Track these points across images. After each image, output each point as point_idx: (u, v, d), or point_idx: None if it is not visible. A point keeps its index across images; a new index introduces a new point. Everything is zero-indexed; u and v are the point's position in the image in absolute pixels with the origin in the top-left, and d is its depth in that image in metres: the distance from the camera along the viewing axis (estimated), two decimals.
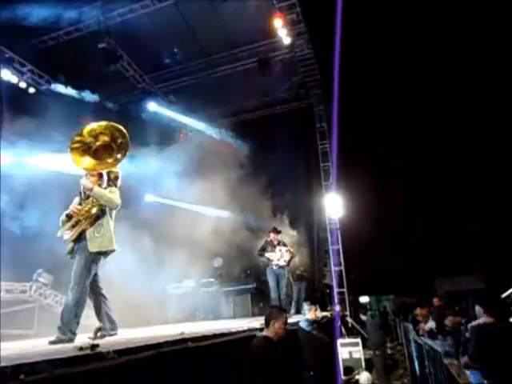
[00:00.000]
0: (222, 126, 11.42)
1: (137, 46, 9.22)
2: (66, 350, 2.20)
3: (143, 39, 9.03)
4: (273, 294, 6.65)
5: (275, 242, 6.96)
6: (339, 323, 8.98)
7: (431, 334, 5.66)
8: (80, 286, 3.35)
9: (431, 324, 5.95)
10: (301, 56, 10.03)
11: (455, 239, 11.01)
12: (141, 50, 9.47)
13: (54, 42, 8.72)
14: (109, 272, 4.37)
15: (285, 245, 7.07)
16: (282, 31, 8.93)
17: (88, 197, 3.60)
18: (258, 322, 4.34)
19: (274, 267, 6.72)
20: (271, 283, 6.70)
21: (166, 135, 10.65)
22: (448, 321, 5.28)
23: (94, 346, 2.06)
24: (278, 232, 7.16)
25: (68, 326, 3.24)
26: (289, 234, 9.22)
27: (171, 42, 9.48)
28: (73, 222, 3.54)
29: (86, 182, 3.58)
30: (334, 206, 10.46)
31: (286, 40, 9.12)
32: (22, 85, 8.86)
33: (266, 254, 6.80)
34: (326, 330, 6.18)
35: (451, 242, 11.01)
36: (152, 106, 10.48)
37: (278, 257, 6.80)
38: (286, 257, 6.84)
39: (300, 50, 9.83)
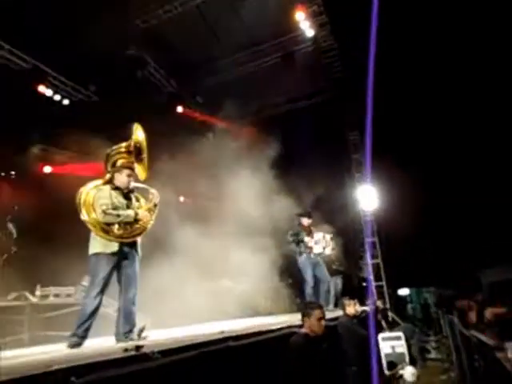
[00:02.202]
0: (249, 123, 11.40)
1: (161, 51, 9.39)
2: (111, 351, 2.27)
3: (167, 43, 9.19)
4: (308, 289, 6.20)
5: (308, 228, 6.45)
6: (379, 317, 8.80)
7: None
8: (137, 289, 3.48)
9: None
10: (325, 47, 9.87)
11: (498, 227, 10.49)
12: (165, 54, 9.65)
13: (83, 53, 9.01)
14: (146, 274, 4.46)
15: (330, 231, 6.56)
16: (304, 24, 8.83)
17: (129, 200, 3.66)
18: (295, 319, 4.32)
19: (312, 256, 6.23)
20: (308, 275, 6.20)
21: (196, 136, 10.76)
22: (488, 312, 4.99)
23: (138, 347, 2.11)
24: (311, 216, 6.59)
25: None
26: (322, 229, 9.10)
27: (194, 45, 9.57)
28: (135, 226, 3.54)
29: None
30: (367, 197, 10.24)
31: (309, 32, 9.03)
32: (57, 97, 9.24)
33: (305, 239, 6.24)
34: (366, 325, 6.06)
35: (494, 230, 10.49)
36: (180, 108, 10.67)
37: (324, 245, 6.29)
38: (331, 244, 6.43)
39: (323, 41, 9.67)
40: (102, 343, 3.46)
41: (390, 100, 9.47)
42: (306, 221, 6.57)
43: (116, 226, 3.41)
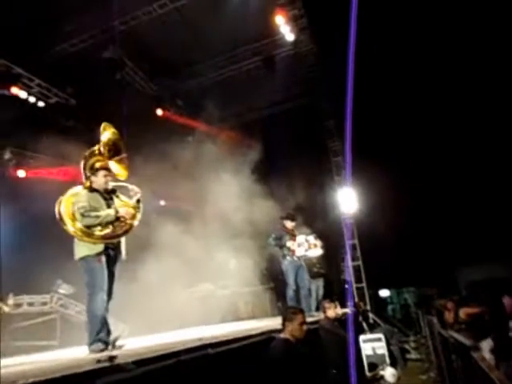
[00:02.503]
0: (229, 127, 11.38)
1: (140, 53, 9.27)
2: (83, 363, 2.19)
3: (147, 45, 9.07)
4: (290, 293, 6.15)
5: (292, 232, 6.37)
6: (360, 319, 8.86)
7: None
8: (111, 295, 3.46)
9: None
10: (305, 51, 9.93)
11: (475, 226, 10.76)
12: (145, 56, 9.52)
13: (60, 55, 8.81)
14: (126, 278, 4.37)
15: (310, 233, 6.54)
16: (284, 28, 8.86)
17: (109, 200, 3.59)
18: (276, 323, 4.29)
19: (295, 258, 6.16)
20: (290, 279, 6.13)
21: (175, 139, 10.65)
22: (462, 312, 5.05)
23: (111, 358, 2.03)
24: (295, 219, 6.51)
25: None
26: (302, 231, 9.13)
27: (174, 47, 9.48)
28: (118, 224, 3.48)
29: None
30: (347, 200, 10.34)
31: (290, 37, 9.05)
32: (31, 99, 8.97)
33: (288, 243, 6.17)
34: (347, 327, 6.08)
35: (471, 229, 10.75)
36: (159, 111, 10.53)
37: (306, 247, 6.24)
38: (314, 246, 6.36)
39: (304, 45, 9.73)
40: (74, 353, 3.35)
41: (370, 104, 9.62)
42: (289, 223, 6.49)
43: (98, 228, 3.37)
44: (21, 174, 9.15)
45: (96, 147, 3.68)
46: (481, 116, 10.08)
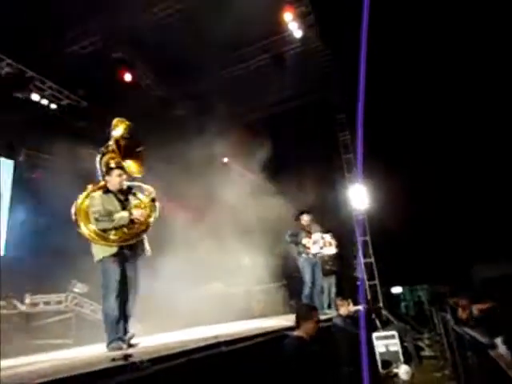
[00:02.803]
0: (239, 125, 11.34)
1: (149, 54, 9.31)
2: (98, 361, 2.22)
3: (155, 46, 9.10)
4: (307, 290, 6.12)
5: (308, 228, 6.34)
6: (373, 316, 8.81)
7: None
8: (135, 294, 3.54)
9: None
10: (314, 48, 9.88)
11: (488, 223, 10.59)
12: (154, 57, 9.56)
13: (70, 57, 8.90)
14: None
15: (326, 231, 6.49)
16: (292, 25, 8.83)
17: (124, 202, 3.59)
18: (289, 321, 4.29)
19: (311, 256, 6.14)
20: (307, 276, 6.10)
21: (187, 140, 10.69)
22: (475, 308, 5.01)
23: (126, 356, 2.05)
24: (310, 212, 6.47)
25: None
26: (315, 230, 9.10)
27: (182, 47, 9.50)
28: (132, 227, 3.48)
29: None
30: (359, 197, 10.28)
31: (298, 33, 9.02)
32: (44, 102, 9.11)
33: (303, 241, 6.15)
34: (359, 325, 6.05)
35: (485, 227, 10.58)
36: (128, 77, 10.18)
37: (321, 245, 6.20)
38: (329, 244, 6.35)
39: (312, 42, 9.67)
40: (89, 352, 3.39)
41: (381, 100, 9.52)
42: (305, 218, 6.44)
43: (112, 232, 3.36)
44: (36, 175, 9.30)
45: (110, 142, 3.65)
46: (496, 113, 9.91)
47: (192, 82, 10.63)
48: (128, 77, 9.10)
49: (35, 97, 8.84)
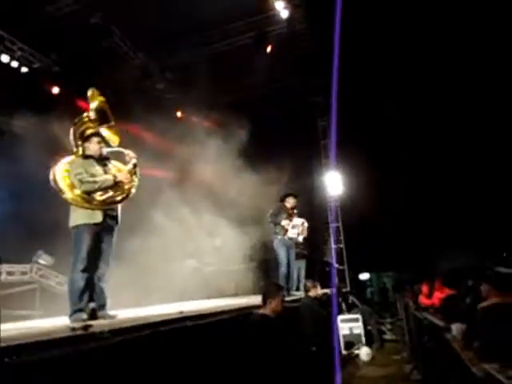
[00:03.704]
0: (217, 106, 11.17)
1: (130, 23, 8.93)
2: (58, 331, 2.17)
3: (136, 14, 8.73)
4: (284, 270, 6.17)
5: (291, 211, 6.35)
6: (340, 300, 9.06)
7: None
8: (109, 265, 3.50)
9: None
10: (298, 30, 9.73)
11: (454, 213, 10.97)
12: (134, 26, 9.17)
13: (45, 19, 8.43)
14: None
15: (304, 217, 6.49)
16: (278, 4, 8.67)
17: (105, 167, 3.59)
18: (258, 300, 4.34)
19: (286, 239, 6.18)
20: (282, 257, 6.16)
21: (163, 114, 10.44)
22: (435, 296, 5.27)
23: (87, 327, 2.02)
24: (297, 196, 6.48)
25: None
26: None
27: (164, 18, 9.17)
28: (117, 189, 3.46)
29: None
30: (333, 183, 10.40)
31: (284, 14, 8.87)
32: (14, 64, 8.63)
33: (283, 222, 6.16)
34: (326, 307, 6.21)
35: (452, 217, 10.96)
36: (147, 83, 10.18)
37: (299, 231, 6.25)
38: (305, 233, 6.39)
39: (298, 22, 9.52)
40: (52, 322, 3.33)
41: (358, 85, 9.56)
42: (291, 200, 6.46)
43: (98, 193, 3.34)
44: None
45: (85, 114, 3.63)
46: (468, 99, 10.11)
47: (172, 55, 10.32)
48: (104, 43, 8.72)
49: (5, 58, 8.37)
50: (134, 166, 3.66)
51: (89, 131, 3.59)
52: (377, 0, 8.62)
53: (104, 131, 3.66)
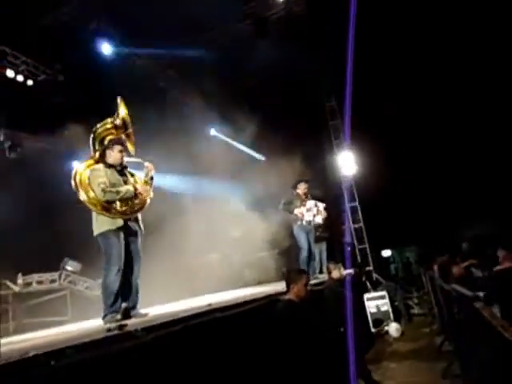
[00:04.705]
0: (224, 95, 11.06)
1: (126, 23, 8.91)
2: (94, 332, 2.24)
3: (130, 19, 8.71)
4: (304, 254, 6.22)
5: (304, 196, 6.37)
6: (364, 278, 9.05)
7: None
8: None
9: None
10: (298, 11, 9.55)
11: (475, 185, 10.76)
12: (132, 26, 9.14)
13: (45, 29, 8.46)
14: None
15: (320, 200, 6.48)
16: None
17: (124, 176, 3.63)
18: (281, 287, 4.38)
19: (304, 223, 6.21)
20: (303, 241, 6.20)
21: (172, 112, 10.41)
22: (455, 270, 5.22)
23: (121, 326, 2.08)
24: (308, 182, 6.53)
25: None
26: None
27: (159, 15, 9.09)
28: (135, 200, 3.54)
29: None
30: (347, 163, 10.30)
31: None
32: (19, 78, 8.73)
33: (296, 211, 6.20)
34: (350, 287, 6.22)
35: (472, 188, 10.76)
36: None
37: (315, 212, 6.22)
38: (323, 213, 6.33)
39: (294, 5, 9.35)
40: (88, 326, 3.43)
41: (367, 66, 9.36)
42: (302, 186, 6.47)
43: (118, 203, 3.39)
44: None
45: (110, 120, 3.65)
46: (475, 81, 9.91)
47: (173, 52, 10.26)
48: (106, 47, 8.73)
49: (10, 73, 8.47)
50: (151, 178, 3.72)
51: (109, 137, 3.63)
52: None
53: (124, 139, 3.70)
